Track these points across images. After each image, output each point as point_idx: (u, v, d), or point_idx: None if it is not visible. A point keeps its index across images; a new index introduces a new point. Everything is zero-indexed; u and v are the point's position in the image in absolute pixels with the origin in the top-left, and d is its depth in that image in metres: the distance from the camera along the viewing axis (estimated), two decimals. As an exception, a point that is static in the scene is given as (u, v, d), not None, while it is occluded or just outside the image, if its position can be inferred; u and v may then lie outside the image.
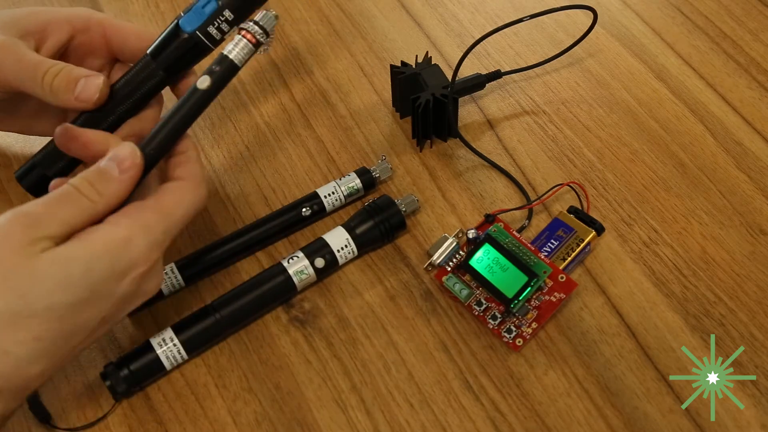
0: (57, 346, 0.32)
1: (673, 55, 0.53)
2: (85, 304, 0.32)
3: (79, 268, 0.31)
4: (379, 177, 0.46)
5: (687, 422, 0.38)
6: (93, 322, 0.33)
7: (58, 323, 0.31)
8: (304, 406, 0.39)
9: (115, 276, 0.33)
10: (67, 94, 0.39)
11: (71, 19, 0.42)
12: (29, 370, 0.31)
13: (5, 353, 0.30)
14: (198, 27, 0.39)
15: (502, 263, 0.41)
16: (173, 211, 0.35)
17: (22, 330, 0.30)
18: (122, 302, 0.34)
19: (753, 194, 0.46)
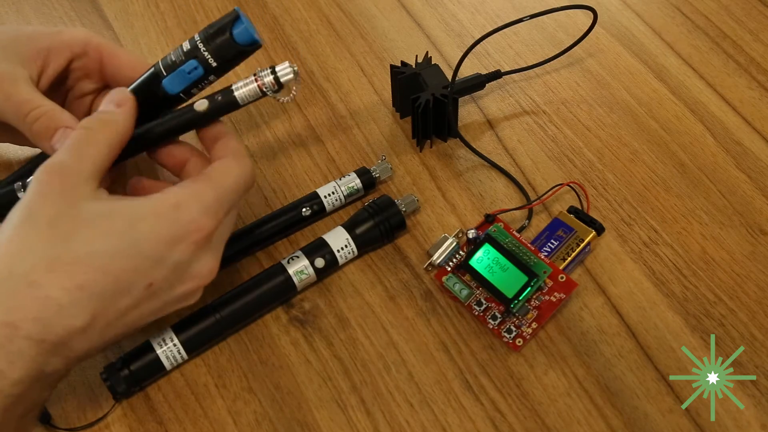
0: (102, 302, 0.32)
1: (673, 55, 0.53)
2: (129, 259, 0.32)
3: (122, 221, 0.32)
4: (379, 177, 0.46)
5: (687, 422, 0.38)
6: (140, 285, 0.32)
7: (101, 274, 0.31)
8: (304, 406, 0.39)
9: (162, 238, 0.32)
10: (45, 141, 0.39)
11: (71, 44, 0.43)
12: (71, 321, 0.31)
13: (47, 298, 0.30)
14: (182, 90, 0.39)
15: (502, 263, 0.41)
16: (222, 181, 0.35)
17: (64, 275, 0.31)
18: (174, 274, 0.34)
19: (753, 194, 0.46)
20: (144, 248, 0.32)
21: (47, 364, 0.31)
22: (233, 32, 0.36)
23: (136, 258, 0.32)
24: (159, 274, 0.33)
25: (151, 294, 0.33)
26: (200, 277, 0.35)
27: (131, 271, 0.32)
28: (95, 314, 0.32)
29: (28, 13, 0.58)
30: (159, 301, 0.34)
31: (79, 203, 0.32)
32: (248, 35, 0.36)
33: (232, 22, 0.36)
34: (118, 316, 0.33)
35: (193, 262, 0.34)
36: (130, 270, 0.32)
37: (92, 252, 0.31)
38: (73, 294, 0.31)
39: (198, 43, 0.37)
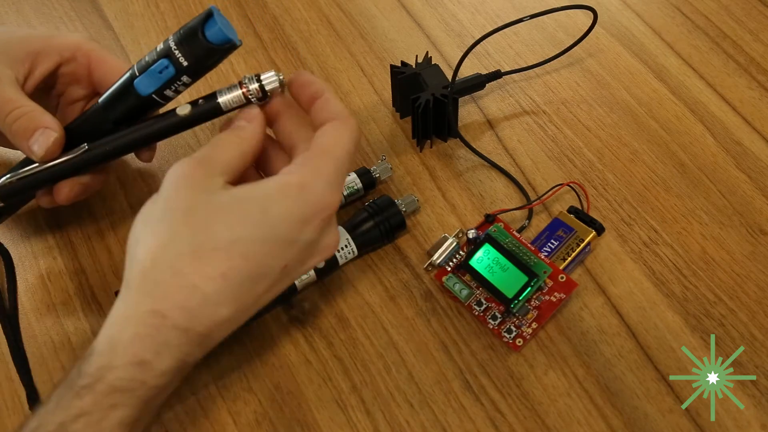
0: (243, 289, 0.32)
1: (673, 55, 0.53)
2: (266, 244, 0.32)
3: (256, 206, 0.32)
4: (379, 177, 0.46)
5: (687, 422, 0.38)
6: (276, 268, 0.32)
7: (243, 261, 0.31)
8: (304, 406, 0.39)
9: (295, 220, 0.32)
10: (23, 142, 0.39)
11: (61, 48, 0.43)
12: (217, 311, 0.31)
13: (194, 287, 0.31)
14: (154, 91, 0.38)
15: (502, 263, 0.41)
16: (336, 150, 0.34)
17: (208, 264, 0.31)
18: (305, 252, 0.33)
19: (753, 194, 0.46)
20: (279, 232, 0.32)
21: (191, 354, 0.32)
22: (205, 30, 0.35)
23: (273, 242, 0.32)
24: (292, 255, 0.33)
25: (284, 275, 0.33)
26: (328, 249, 0.35)
27: (269, 256, 0.32)
28: (238, 303, 0.32)
29: (28, 13, 0.58)
30: (289, 280, 0.34)
31: (212, 195, 0.32)
32: (221, 34, 0.35)
33: (204, 20, 0.35)
34: (255, 300, 0.33)
35: (321, 238, 0.34)
36: (268, 254, 0.32)
37: (233, 239, 0.31)
38: (217, 283, 0.31)
39: (171, 42, 0.36)
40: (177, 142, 0.50)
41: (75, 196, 0.41)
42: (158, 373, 0.31)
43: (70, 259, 0.45)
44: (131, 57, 0.55)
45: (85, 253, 0.45)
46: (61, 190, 0.40)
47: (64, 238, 0.46)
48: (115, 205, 0.47)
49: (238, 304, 0.32)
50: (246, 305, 0.33)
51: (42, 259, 0.45)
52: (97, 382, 0.30)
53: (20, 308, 0.43)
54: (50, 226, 0.46)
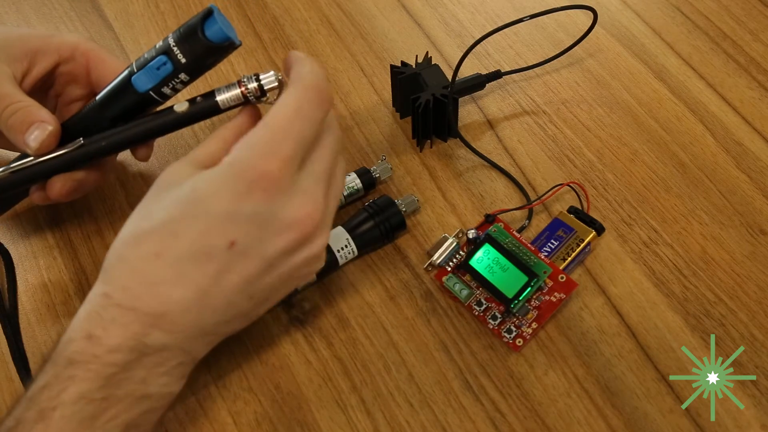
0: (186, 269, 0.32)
1: (673, 55, 0.53)
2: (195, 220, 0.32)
3: (188, 188, 0.33)
4: (379, 177, 0.46)
5: (687, 422, 0.38)
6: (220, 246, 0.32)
7: (172, 238, 0.32)
8: (304, 406, 0.39)
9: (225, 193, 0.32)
10: (18, 135, 0.39)
11: (59, 48, 0.43)
12: (157, 290, 0.32)
13: (133, 269, 0.32)
14: (151, 87, 0.38)
15: (502, 263, 0.41)
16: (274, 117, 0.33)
17: (143, 244, 0.32)
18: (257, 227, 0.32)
19: (753, 194, 0.46)
20: (209, 207, 0.32)
21: (147, 335, 0.32)
22: (205, 28, 0.35)
23: (203, 218, 0.32)
24: (237, 231, 0.32)
25: (240, 254, 0.32)
26: (297, 223, 0.33)
27: (203, 232, 0.32)
28: (180, 282, 0.32)
29: (28, 13, 0.58)
30: (258, 262, 0.33)
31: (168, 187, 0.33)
32: (220, 33, 0.35)
33: (204, 18, 0.35)
34: (209, 282, 0.32)
35: (276, 210, 0.32)
36: (202, 231, 0.32)
37: (165, 219, 0.32)
38: (151, 262, 0.32)
39: (170, 40, 0.36)
40: (177, 142, 0.50)
41: (68, 192, 0.41)
42: (108, 348, 0.31)
43: (70, 259, 0.45)
44: (131, 57, 0.55)
45: (85, 252, 0.45)
46: (53, 186, 0.40)
47: (64, 238, 0.46)
48: (115, 205, 0.47)
49: (184, 283, 0.32)
50: (199, 286, 0.32)
51: (42, 258, 0.45)
52: (58, 356, 0.32)
53: (20, 308, 0.43)
54: (50, 226, 0.46)
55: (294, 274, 0.35)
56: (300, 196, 0.33)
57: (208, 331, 0.34)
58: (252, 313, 0.36)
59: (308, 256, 0.34)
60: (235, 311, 0.34)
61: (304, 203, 0.33)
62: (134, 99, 0.38)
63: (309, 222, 0.33)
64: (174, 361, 0.33)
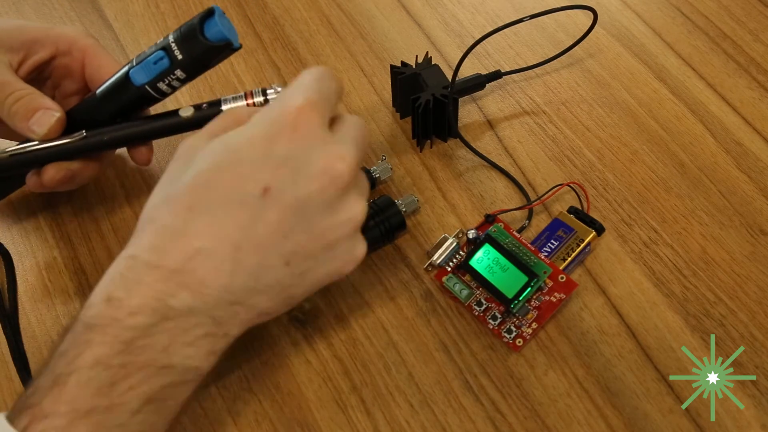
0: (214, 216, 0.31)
1: (673, 55, 0.53)
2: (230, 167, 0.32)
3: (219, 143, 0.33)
4: (379, 177, 0.46)
5: (687, 422, 0.38)
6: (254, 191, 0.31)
7: (205, 189, 0.32)
8: (304, 406, 0.39)
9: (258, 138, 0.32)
10: (23, 122, 0.39)
11: (57, 40, 0.43)
12: (186, 242, 0.31)
13: (162, 227, 0.32)
14: (147, 82, 0.38)
15: (502, 263, 0.41)
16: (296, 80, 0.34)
17: (173, 202, 0.32)
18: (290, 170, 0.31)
19: (753, 194, 0.46)
20: (243, 154, 0.32)
21: (172, 296, 0.30)
22: (204, 28, 0.36)
23: (236, 164, 0.32)
24: (271, 176, 0.31)
25: (274, 200, 0.31)
26: (330, 169, 0.32)
27: (236, 178, 0.31)
28: (212, 233, 0.31)
29: (28, 12, 0.58)
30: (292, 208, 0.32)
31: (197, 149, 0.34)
32: (219, 34, 0.36)
33: (204, 17, 0.36)
34: (243, 233, 0.31)
35: (309, 154, 0.32)
36: (235, 177, 0.31)
37: (195, 174, 0.32)
38: (182, 216, 0.31)
39: (170, 37, 0.37)
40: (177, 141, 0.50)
41: (60, 180, 0.41)
42: (129, 310, 0.30)
43: (70, 259, 0.45)
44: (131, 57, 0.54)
45: (85, 252, 0.45)
46: (47, 172, 0.41)
47: (64, 238, 0.46)
48: (115, 206, 0.47)
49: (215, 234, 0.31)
50: (231, 239, 0.31)
51: (42, 258, 0.45)
52: (75, 323, 0.31)
53: (20, 308, 0.43)
54: (50, 226, 0.46)
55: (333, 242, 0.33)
56: (329, 143, 0.32)
57: (238, 299, 0.32)
58: (288, 285, 0.33)
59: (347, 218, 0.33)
60: (270, 278, 0.32)
61: (334, 149, 0.32)
62: (131, 93, 0.39)
63: (342, 166, 0.32)
64: (200, 330, 0.31)
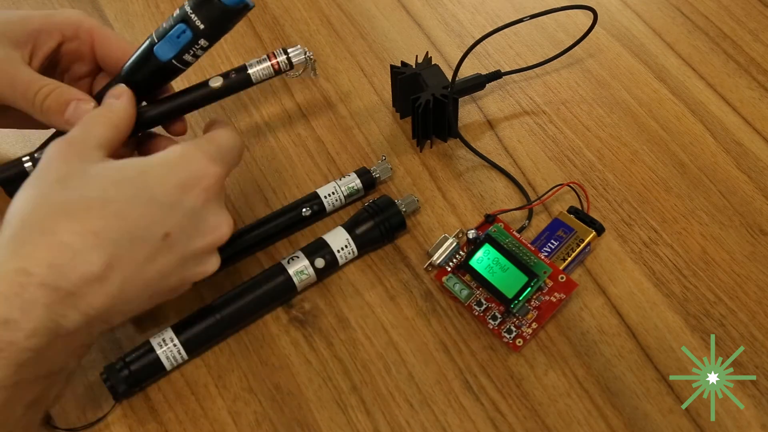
0: (117, 249, 0.31)
1: (673, 55, 0.53)
2: (143, 205, 0.32)
3: (135, 170, 0.33)
4: (379, 177, 0.46)
5: (687, 422, 0.38)
6: (156, 234, 0.33)
7: (116, 219, 0.32)
8: (304, 406, 0.39)
9: (174, 183, 0.33)
10: (58, 116, 0.39)
11: (62, 26, 0.43)
12: (87, 267, 0.31)
13: (61, 243, 0.31)
14: (173, 56, 0.39)
15: (502, 263, 0.41)
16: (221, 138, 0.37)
17: (77, 221, 0.31)
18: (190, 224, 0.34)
19: (753, 194, 0.46)
20: (157, 193, 0.33)
21: (64, 316, 0.30)
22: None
23: (150, 204, 0.33)
24: (175, 222, 0.33)
25: (169, 246, 0.33)
26: (217, 231, 0.35)
27: (147, 217, 0.32)
28: (111, 261, 0.31)
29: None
30: (177, 256, 0.34)
31: (87, 165, 0.33)
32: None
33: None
34: (135, 268, 0.32)
35: (208, 213, 0.35)
36: (146, 215, 0.32)
37: (106, 198, 0.32)
38: (87, 239, 0.31)
39: (186, 7, 0.37)
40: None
41: None
42: (26, 333, 0.29)
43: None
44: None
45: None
46: None
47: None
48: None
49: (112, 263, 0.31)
50: (124, 270, 0.32)
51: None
52: None
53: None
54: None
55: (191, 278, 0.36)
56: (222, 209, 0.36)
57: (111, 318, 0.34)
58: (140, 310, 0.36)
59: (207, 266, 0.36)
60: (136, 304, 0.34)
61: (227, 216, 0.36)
62: (158, 69, 0.39)
63: (228, 232, 0.36)
64: (81, 341, 0.33)
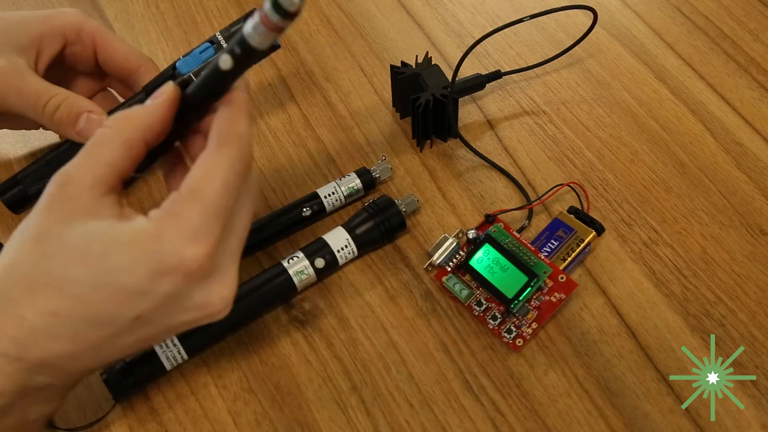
0: (80, 330, 0.29)
1: (673, 56, 0.53)
2: (105, 290, 0.29)
3: (100, 248, 0.29)
4: (379, 177, 0.46)
5: (687, 422, 0.38)
6: (125, 317, 0.29)
7: (76, 302, 0.29)
8: (304, 406, 0.39)
9: (142, 271, 0.29)
10: (69, 129, 0.40)
11: (64, 29, 0.43)
12: (49, 345, 0.29)
13: (21, 318, 0.29)
14: (193, 70, 0.42)
15: (502, 263, 0.41)
16: (204, 188, 0.29)
17: (39, 298, 0.29)
18: (167, 305, 0.30)
19: (753, 194, 0.46)
20: (122, 280, 0.29)
21: (31, 380, 0.30)
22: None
23: (113, 289, 0.29)
24: (146, 306, 0.30)
25: (143, 324, 0.30)
26: (209, 306, 0.31)
27: (111, 302, 0.29)
28: (76, 340, 0.30)
29: (28, 13, 0.58)
30: (158, 327, 0.31)
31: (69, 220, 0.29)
32: None
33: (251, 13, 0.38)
34: (105, 340, 0.30)
35: (193, 293, 0.30)
36: (109, 300, 0.29)
37: (68, 278, 0.29)
38: (46, 319, 0.29)
39: (217, 33, 0.42)
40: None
41: None
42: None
43: (70, 259, 0.45)
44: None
45: (85, 253, 0.45)
46: None
47: (64, 238, 0.46)
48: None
49: (78, 341, 0.30)
50: (93, 344, 0.30)
51: (42, 259, 0.45)
52: None
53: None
54: (50, 226, 0.46)
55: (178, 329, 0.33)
56: (216, 279, 0.31)
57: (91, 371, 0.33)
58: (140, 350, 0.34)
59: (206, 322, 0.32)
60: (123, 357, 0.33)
61: (220, 288, 0.31)
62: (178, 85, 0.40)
63: (221, 304, 0.31)
64: (56, 394, 0.32)
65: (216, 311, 0.31)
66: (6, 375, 0.29)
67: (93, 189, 0.30)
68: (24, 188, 0.43)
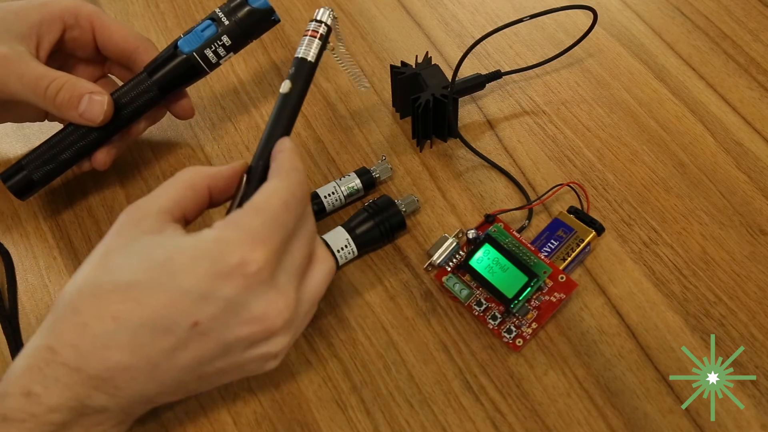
0: (140, 338, 0.30)
1: (673, 55, 0.53)
2: (165, 292, 0.30)
3: (163, 254, 0.30)
4: (379, 177, 0.46)
5: (687, 422, 0.38)
6: (183, 323, 0.30)
7: (136, 305, 0.30)
8: (304, 406, 0.39)
9: (204, 272, 0.30)
10: (71, 111, 0.40)
11: (62, 14, 0.43)
12: (108, 354, 0.30)
13: (84, 325, 0.30)
14: (195, 48, 0.42)
15: (502, 263, 0.41)
16: (265, 204, 0.32)
17: (102, 303, 0.30)
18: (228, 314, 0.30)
19: (753, 194, 0.46)
20: (183, 282, 0.30)
21: (89, 397, 0.30)
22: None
23: (173, 291, 0.30)
24: (205, 312, 0.30)
25: (199, 334, 0.30)
26: (266, 319, 0.31)
27: (169, 306, 0.30)
28: (134, 351, 0.30)
29: (28, 13, 0.58)
30: (216, 345, 0.31)
31: (133, 240, 0.31)
32: (264, 3, 0.41)
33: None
34: (163, 356, 0.30)
35: (250, 301, 0.31)
36: (168, 304, 0.30)
37: (131, 282, 0.30)
38: (106, 324, 0.30)
39: (216, 9, 0.42)
40: (177, 141, 0.50)
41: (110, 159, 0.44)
42: (48, 408, 0.30)
43: (70, 259, 0.45)
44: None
45: (85, 252, 0.45)
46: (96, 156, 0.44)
47: (64, 238, 0.46)
48: (115, 205, 0.47)
49: (136, 352, 0.30)
50: (151, 358, 0.30)
51: (42, 259, 0.45)
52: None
53: (20, 308, 0.43)
54: (50, 226, 0.46)
55: (246, 367, 0.34)
56: (274, 290, 0.31)
57: (150, 399, 0.33)
58: (196, 390, 0.34)
59: (266, 352, 0.33)
60: (181, 386, 0.33)
61: (277, 299, 0.31)
62: (179, 62, 0.42)
63: (278, 318, 0.32)
64: (112, 422, 0.32)
65: (274, 327, 0.32)
66: (64, 386, 0.30)
67: (158, 216, 0.32)
68: (29, 173, 0.43)
